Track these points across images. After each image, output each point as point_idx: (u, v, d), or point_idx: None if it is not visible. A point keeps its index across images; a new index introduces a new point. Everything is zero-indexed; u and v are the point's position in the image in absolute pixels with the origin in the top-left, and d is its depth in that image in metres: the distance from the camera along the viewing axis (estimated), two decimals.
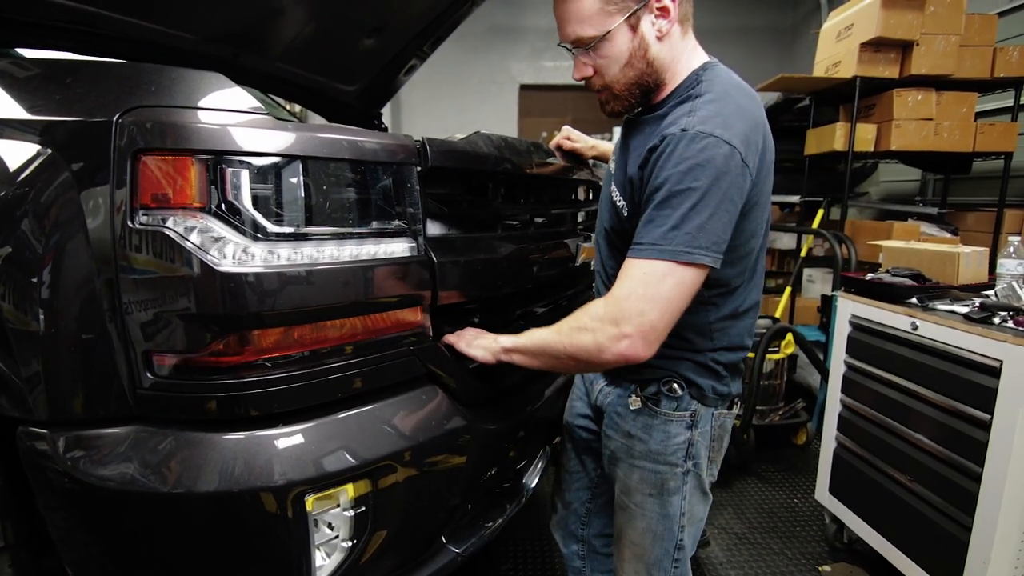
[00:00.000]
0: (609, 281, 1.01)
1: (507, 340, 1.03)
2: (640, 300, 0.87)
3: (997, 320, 1.44)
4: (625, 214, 1.02)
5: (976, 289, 1.73)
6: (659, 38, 0.95)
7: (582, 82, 1.01)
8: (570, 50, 0.99)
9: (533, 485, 1.36)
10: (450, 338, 1.09)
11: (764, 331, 2.54)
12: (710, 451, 1.09)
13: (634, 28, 0.94)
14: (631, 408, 1.07)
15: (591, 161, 1.65)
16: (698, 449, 1.06)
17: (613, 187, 1.06)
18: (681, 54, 0.98)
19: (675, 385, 1.04)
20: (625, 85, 0.98)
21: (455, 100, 7.36)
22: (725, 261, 0.91)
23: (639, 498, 1.09)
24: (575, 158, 1.59)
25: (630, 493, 1.10)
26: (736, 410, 1.13)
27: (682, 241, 0.85)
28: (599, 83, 1.00)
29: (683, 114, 0.91)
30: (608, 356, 0.89)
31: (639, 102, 1.01)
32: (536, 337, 0.99)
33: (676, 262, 0.86)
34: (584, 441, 1.26)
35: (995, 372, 1.35)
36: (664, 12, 0.93)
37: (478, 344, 1.06)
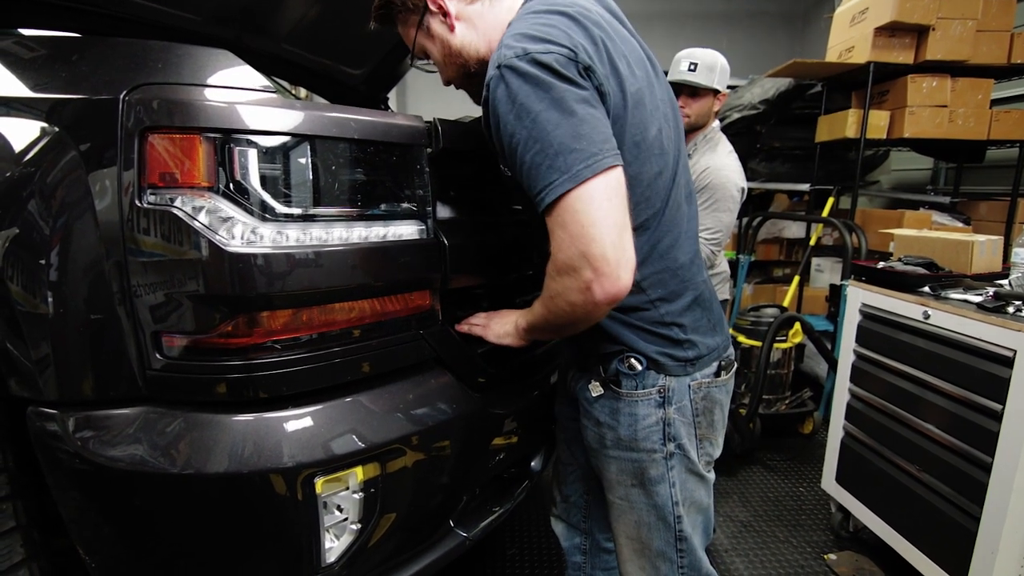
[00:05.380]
0: None
1: (523, 320, 1.00)
2: (574, 243, 0.77)
3: (1011, 309, 1.42)
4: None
5: (990, 278, 1.71)
6: (452, 28, 0.96)
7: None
8: None
9: (539, 470, 1.36)
10: (476, 330, 1.07)
11: (772, 320, 2.53)
12: (696, 428, 0.98)
13: (429, 32, 0.98)
14: (594, 395, 0.99)
15: None
16: (677, 428, 0.97)
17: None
18: (500, 19, 0.94)
19: (633, 360, 0.94)
20: (459, 79, 1.02)
21: None
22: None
23: (622, 491, 1.02)
24: None
25: (613, 487, 1.04)
26: (727, 376, 1.01)
27: (571, 161, 0.76)
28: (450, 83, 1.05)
29: (496, 57, 0.83)
30: (591, 308, 0.81)
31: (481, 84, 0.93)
32: (535, 312, 0.94)
33: (582, 182, 0.76)
34: (572, 431, 1.20)
35: (1008, 362, 1.33)
36: (439, 8, 0.95)
37: (505, 332, 1.04)
